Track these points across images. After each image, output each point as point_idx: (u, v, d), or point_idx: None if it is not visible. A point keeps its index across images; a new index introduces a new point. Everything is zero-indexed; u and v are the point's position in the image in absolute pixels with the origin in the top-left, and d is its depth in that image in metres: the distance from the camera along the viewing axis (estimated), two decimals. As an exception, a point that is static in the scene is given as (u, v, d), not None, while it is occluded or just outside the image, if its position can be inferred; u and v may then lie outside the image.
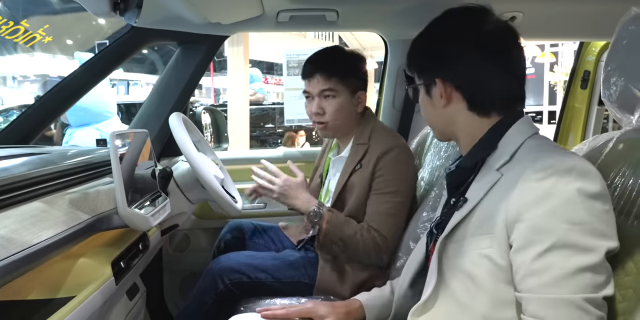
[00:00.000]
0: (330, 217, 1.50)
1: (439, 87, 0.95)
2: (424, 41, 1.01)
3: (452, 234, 0.90)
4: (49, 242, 0.88)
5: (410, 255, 1.12)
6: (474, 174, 0.94)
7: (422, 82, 1.00)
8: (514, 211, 0.80)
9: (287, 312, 1.12)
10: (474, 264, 0.85)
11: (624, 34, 0.92)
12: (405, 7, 1.85)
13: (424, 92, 1.01)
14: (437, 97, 0.97)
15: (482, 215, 0.86)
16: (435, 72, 0.96)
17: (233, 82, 5.60)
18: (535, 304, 0.76)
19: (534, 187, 0.79)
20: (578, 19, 1.80)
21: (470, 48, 0.92)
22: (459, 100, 0.95)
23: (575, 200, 0.76)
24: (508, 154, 0.88)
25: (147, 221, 1.18)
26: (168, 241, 2.11)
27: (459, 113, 0.96)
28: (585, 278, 0.74)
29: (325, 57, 1.66)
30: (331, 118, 1.61)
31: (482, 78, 0.93)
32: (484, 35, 0.92)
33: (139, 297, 1.48)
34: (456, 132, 0.99)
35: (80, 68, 1.81)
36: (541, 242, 0.76)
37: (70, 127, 3.13)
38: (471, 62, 0.92)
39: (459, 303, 0.87)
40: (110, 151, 1.10)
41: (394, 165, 1.55)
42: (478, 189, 0.89)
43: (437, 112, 0.99)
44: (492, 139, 0.93)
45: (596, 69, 2.50)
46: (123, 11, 1.55)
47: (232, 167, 2.00)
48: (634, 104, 0.90)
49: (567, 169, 0.78)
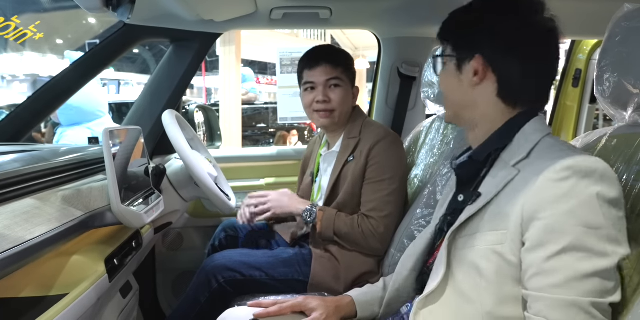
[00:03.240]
0: (322, 216, 1.54)
1: (476, 63, 0.93)
2: (471, 13, 0.96)
3: (463, 228, 0.90)
4: (42, 239, 0.87)
5: (407, 251, 1.12)
6: (486, 168, 0.93)
7: (458, 55, 0.96)
8: (531, 209, 0.79)
9: (280, 307, 1.12)
10: (484, 258, 0.84)
11: (617, 31, 0.93)
12: (398, 5, 1.85)
13: (453, 66, 0.97)
14: (469, 74, 0.94)
15: (496, 211, 0.85)
16: (477, 48, 0.92)
17: (225, 81, 5.58)
18: (541, 303, 0.76)
19: (553, 187, 0.78)
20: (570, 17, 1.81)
21: (519, 33, 0.90)
22: (491, 82, 0.93)
23: (594, 204, 0.76)
24: (525, 151, 0.87)
25: (141, 218, 1.17)
26: (161, 239, 2.10)
27: (486, 96, 0.94)
28: (595, 283, 0.74)
29: (328, 48, 1.72)
30: (337, 106, 1.63)
31: (522, 67, 0.91)
32: (534, 24, 0.91)
33: (132, 295, 1.47)
34: (473, 118, 0.97)
35: (72, 66, 1.79)
36: (555, 243, 0.76)
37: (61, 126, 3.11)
38: (516, 48, 0.90)
39: (465, 297, 0.87)
40: (104, 148, 1.09)
41: (386, 153, 1.57)
42: (493, 184, 0.88)
43: (462, 90, 0.96)
44: (509, 131, 0.92)
45: (587, 67, 2.51)
46: (116, 7, 1.54)
47: (225, 165, 2.00)
48: (627, 100, 0.91)
49: (588, 172, 0.77)
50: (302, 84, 1.69)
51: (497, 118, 0.94)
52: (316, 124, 1.72)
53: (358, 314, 1.14)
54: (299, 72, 1.71)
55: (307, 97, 1.67)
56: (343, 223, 1.53)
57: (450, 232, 0.91)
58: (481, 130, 0.97)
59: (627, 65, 0.90)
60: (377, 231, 1.52)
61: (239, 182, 2.21)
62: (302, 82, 1.69)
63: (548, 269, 0.76)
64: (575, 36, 2.45)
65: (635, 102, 0.90)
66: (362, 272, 1.54)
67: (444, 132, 1.73)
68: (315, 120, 1.69)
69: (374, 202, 1.54)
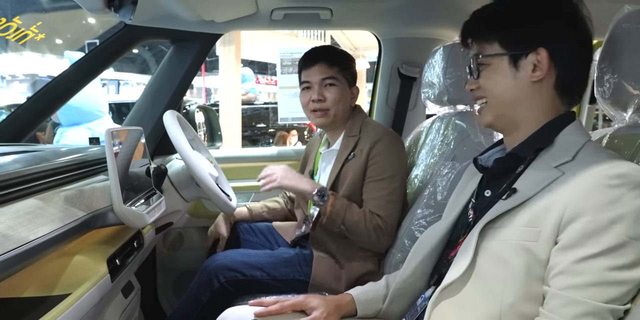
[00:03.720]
0: (333, 201, 1.52)
1: (537, 57, 0.91)
2: (529, 5, 0.94)
3: (495, 220, 0.89)
4: (45, 239, 0.87)
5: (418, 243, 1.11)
6: (523, 166, 0.93)
7: (514, 52, 0.93)
8: (574, 211, 0.79)
9: (281, 306, 1.12)
10: (513, 253, 0.84)
11: (618, 32, 0.93)
12: (398, 5, 1.86)
13: (507, 63, 0.94)
14: (528, 70, 0.92)
15: (533, 208, 0.84)
16: (539, 41, 0.91)
17: (225, 81, 5.58)
18: (558, 300, 0.77)
19: (603, 193, 0.78)
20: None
21: (571, 28, 0.91)
22: (552, 78, 0.92)
23: (638, 216, 0.76)
24: (570, 154, 0.87)
25: (143, 218, 1.17)
26: (162, 239, 2.10)
27: (545, 91, 0.93)
28: (620, 291, 0.74)
29: (326, 48, 1.74)
30: (332, 105, 1.64)
31: (578, 62, 0.92)
32: (580, 20, 0.92)
33: (133, 295, 1.47)
34: (522, 116, 0.95)
35: (72, 66, 1.80)
36: (591, 247, 0.76)
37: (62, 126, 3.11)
38: (574, 41, 0.91)
39: (487, 288, 0.86)
40: (106, 148, 1.09)
41: (387, 151, 1.58)
42: (532, 183, 0.87)
43: (520, 87, 0.93)
44: (548, 132, 0.92)
45: (587, 68, 2.51)
46: (117, 8, 1.55)
47: (226, 166, 2.00)
48: (627, 101, 0.92)
49: (639, 183, 0.78)
50: (300, 84, 1.70)
51: (548, 113, 0.94)
52: (314, 124, 1.74)
53: (358, 312, 1.14)
54: (298, 72, 1.74)
55: (304, 97, 1.69)
56: (354, 212, 1.51)
57: (481, 224, 0.90)
58: (526, 126, 0.96)
59: (627, 66, 0.91)
60: (384, 228, 1.52)
61: (239, 182, 2.21)
62: (300, 82, 1.70)
63: (575, 270, 0.76)
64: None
65: (635, 103, 0.90)
66: (363, 272, 1.55)
67: (445, 132, 1.73)
68: (312, 120, 1.71)
69: (377, 200, 1.55)
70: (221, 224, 1.83)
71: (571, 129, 0.91)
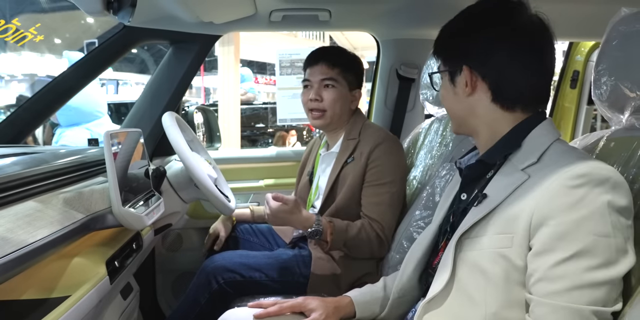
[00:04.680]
0: (332, 229, 1.49)
1: (465, 75, 0.95)
2: (454, 27, 0.99)
3: (470, 230, 0.90)
4: (45, 242, 0.87)
5: (410, 251, 1.13)
6: (493, 170, 0.94)
7: (448, 69, 0.99)
8: (541, 215, 0.79)
9: (280, 308, 1.13)
10: (491, 261, 0.84)
11: (614, 34, 0.93)
12: (397, 7, 1.86)
13: (447, 80, 1.00)
14: (462, 86, 0.96)
15: (504, 214, 0.85)
16: (463, 60, 0.95)
17: (224, 81, 5.58)
18: (543, 308, 0.77)
19: (567, 194, 0.78)
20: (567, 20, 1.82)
21: (502, 39, 0.91)
22: (484, 90, 0.94)
23: (604, 213, 0.76)
24: (535, 156, 0.88)
25: (142, 220, 1.17)
26: (161, 241, 2.11)
27: (482, 104, 0.95)
28: (600, 292, 0.75)
29: (331, 49, 1.75)
30: (328, 106, 1.64)
31: (510, 71, 0.92)
32: (517, 28, 0.91)
33: (132, 297, 1.48)
34: (476, 125, 0.98)
35: (71, 68, 1.80)
36: (563, 250, 0.76)
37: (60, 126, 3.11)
38: (501, 54, 0.91)
39: (470, 298, 0.87)
40: (105, 150, 1.10)
41: (387, 156, 1.57)
42: (501, 188, 0.88)
43: (459, 101, 0.98)
44: (516, 136, 0.92)
45: (585, 69, 2.53)
46: (117, 10, 1.55)
47: (224, 167, 2.00)
48: (624, 103, 0.92)
49: (602, 180, 0.78)
50: (302, 81, 1.71)
51: (498, 124, 0.95)
52: (312, 124, 1.73)
53: (357, 314, 1.15)
54: (303, 70, 1.74)
55: (304, 95, 1.70)
56: (353, 233, 1.50)
57: (457, 235, 0.91)
58: (483, 136, 0.98)
59: (624, 69, 0.91)
60: (384, 235, 1.53)
61: (238, 183, 2.21)
62: (303, 79, 1.71)
63: (553, 275, 0.77)
64: (573, 38, 2.46)
65: (632, 105, 0.91)
66: (362, 273, 1.55)
67: (443, 133, 1.74)
68: (310, 121, 1.71)
69: (375, 205, 1.55)
70: (222, 223, 1.83)
71: (539, 130, 0.92)
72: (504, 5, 0.93)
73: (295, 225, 1.51)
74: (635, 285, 0.78)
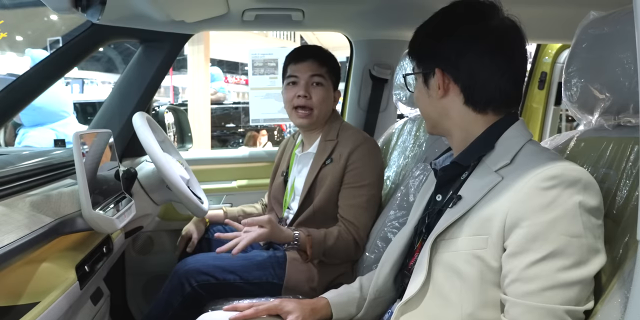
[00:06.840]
0: (311, 242, 1.49)
1: (437, 77, 0.95)
2: (427, 30, 1.00)
3: (445, 232, 0.90)
4: (11, 247, 0.84)
5: (386, 252, 1.13)
6: (467, 172, 0.94)
7: (421, 71, 0.99)
8: (515, 217, 0.80)
9: (256, 310, 1.12)
10: (466, 262, 0.85)
11: (584, 37, 0.96)
12: (370, 8, 1.87)
13: (421, 82, 1.00)
14: (434, 88, 0.96)
15: (478, 216, 0.86)
16: (435, 62, 0.95)
17: (194, 81, 5.51)
18: (517, 308, 0.78)
19: (539, 195, 0.79)
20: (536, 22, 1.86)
21: (473, 42, 0.92)
22: (456, 93, 0.95)
23: (575, 214, 0.77)
24: (508, 157, 0.88)
25: (113, 224, 1.15)
26: (131, 243, 2.06)
27: (455, 106, 0.96)
28: (573, 291, 0.76)
29: (318, 48, 1.73)
30: (316, 105, 1.63)
31: (482, 73, 0.92)
32: (488, 30, 0.92)
33: (103, 302, 1.44)
34: (449, 127, 0.99)
35: (36, 66, 1.74)
36: (537, 251, 0.77)
37: (24, 127, 3.02)
38: (472, 56, 0.92)
39: (445, 299, 0.87)
40: (74, 152, 1.06)
41: (366, 158, 1.58)
42: (475, 189, 0.89)
43: (433, 103, 0.99)
44: (489, 138, 0.93)
45: (552, 70, 2.59)
46: (85, 8, 1.50)
47: (197, 168, 1.97)
48: (594, 105, 0.94)
49: (573, 181, 0.79)
50: (285, 79, 1.69)
51: (471, 127, 0.96)
52: (294, 123, 1.70)
53: (333, 315, 1.14)
54: (284, 67, 1.71)
55: (288, 92, 1.66)
56: (331, 242, 1.51)
57: (432, 237, 0.91)
58: (457, 138, 0.99)
59: (593, 71, 0.93)
60: (359, 237, 1.54)
61: (211, 184, 2.19)
62: (285, 77, 1.68)
63: (527, 276, 0.78)
64: (543, 40, 2.51)
65: (601, 106, 0.93)
66: (337, 274, 1.55)
67: (416, 133, 1.75)
68: (294, 119, 1.67)
69: (352, 207, 1.55)
70: (194, 225, 1.80)
71: (512, 132, 0.93)
72: (476, 8, 0.94)
73: (276, 241, 1.54)
74: (606, 284, 0.80)
